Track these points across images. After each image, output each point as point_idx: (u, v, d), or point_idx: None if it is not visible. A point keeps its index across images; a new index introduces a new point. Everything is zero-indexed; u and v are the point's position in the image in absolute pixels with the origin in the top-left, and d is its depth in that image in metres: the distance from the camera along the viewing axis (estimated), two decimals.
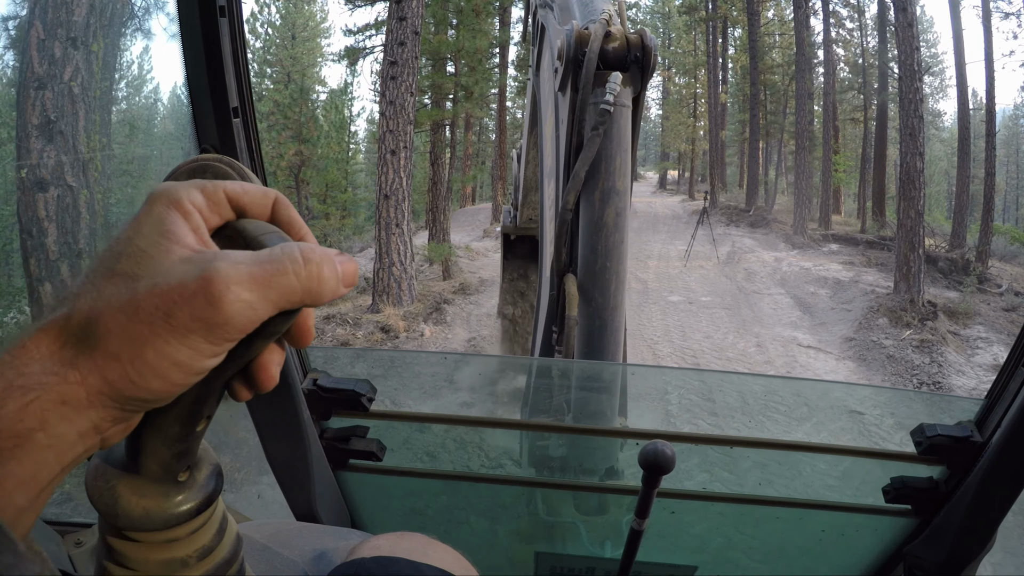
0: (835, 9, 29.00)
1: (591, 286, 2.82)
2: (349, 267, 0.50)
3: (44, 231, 6.31)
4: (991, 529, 1.42)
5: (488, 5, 21.81)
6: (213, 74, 1.11)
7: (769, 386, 2.84)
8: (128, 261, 0.45)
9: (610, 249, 2.83)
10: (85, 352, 0.43)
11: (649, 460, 1.02)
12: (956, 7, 22.18)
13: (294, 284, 0.46)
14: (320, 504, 1.51)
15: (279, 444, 1.42)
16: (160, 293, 0.43)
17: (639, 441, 1.54)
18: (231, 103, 1.13)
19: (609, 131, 2.92)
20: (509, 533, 1.89)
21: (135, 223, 0.47)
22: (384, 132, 13.44)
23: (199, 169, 0.86)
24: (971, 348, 12.33)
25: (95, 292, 0.44)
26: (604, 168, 2.92)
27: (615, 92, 2.87)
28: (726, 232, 23.35)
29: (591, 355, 2.75)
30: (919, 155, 13.83)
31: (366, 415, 1.55)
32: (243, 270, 0.44)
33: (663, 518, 1.68)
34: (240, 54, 1.12)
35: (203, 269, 0.44)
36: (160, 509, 0.53)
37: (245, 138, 1.16)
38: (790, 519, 1.68)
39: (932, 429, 1.44)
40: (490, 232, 25.61)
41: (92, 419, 0.44)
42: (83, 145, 6.56)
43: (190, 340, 0.43)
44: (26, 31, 6.55)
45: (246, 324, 0.45)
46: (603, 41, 2.95)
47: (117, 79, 10.49)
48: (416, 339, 12.06)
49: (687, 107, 38.41)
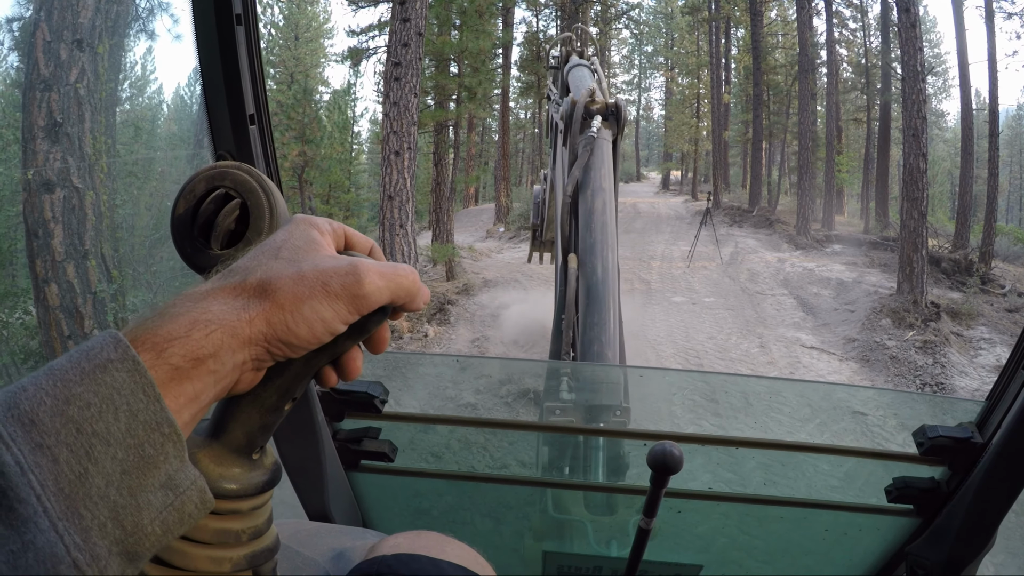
0: (838, 10, 28.98)
1: (587, 255, 3.85)
2: (427, 291, 0.66)
3: (50, 232, 6.33)
4: (992, 529, 1.43)
5: (491, 6, 21.82)
6: (229, 81, 1.12)
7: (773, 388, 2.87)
8: (289, 251, 0.60)
9: (600, 228, 4.01)
10: (258, 301, 0.55)
11: (658, 460, 1.04)
12: (959, 8, 22.15)
13: (407, 285, 0.62)
14: (333, 504, 1.53)
15: (293, 445, 1.44)
16: (320, 271, 0.58)
17: (645, 442, 1.56)
18: (247, 110, 1.14)
19: (594, 150, 4.48)
20: (517, 532, 1.91)
21: (286, 233, 0.63)
22: (388, 133, 13.45)
23: (218, 176, 0.88)
24: (974, 349, 12.32)
25: (266, 267, 0.58)
26: (593, 174, 4.34)
27: (597, 127, 4.59)
28: (729, 233, 23.31)
29: (590, 304, 3.57)
30: (922, 156, 13.82)
31: (378, 416, 1.57)
32: (375, 268, 0.60)
33: (669, 518, 1.70)
34: (256, 61, 1.14)
35: (351, 261, 0.60)
36: (234, 477, 0.60)
37: (261, 144, 1.18)
38: (793, 519, 1.70)
39: (933, 430, 1.46)
40: (493, 232, 25.62)
41: (247, 354, 0.55)
42: (89, 147, 6.58)
43: (336, 304, 0.57)
44: (32, 33, 6.57)
45: (374, 301, 0.59)
46: (588, 102, 4.71)
47: (122, 80, 10.51)
48: (420, 339, 12.08)
49: (690, 107, 38.35)
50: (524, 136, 39.27)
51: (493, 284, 16.29)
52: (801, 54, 25.15)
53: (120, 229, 6.82)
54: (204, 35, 1.11)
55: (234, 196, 0.82)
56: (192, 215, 0.81)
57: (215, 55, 1.11)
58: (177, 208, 0.84)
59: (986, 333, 13.07)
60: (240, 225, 0.83)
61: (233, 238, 0.84)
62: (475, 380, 6.64)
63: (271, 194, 0.85)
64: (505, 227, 25.84)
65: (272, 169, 1.21)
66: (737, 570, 1.82)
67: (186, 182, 0.85)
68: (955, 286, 16.49)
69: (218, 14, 1.09)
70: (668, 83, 42.80)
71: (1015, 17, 21.14)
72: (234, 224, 0.83)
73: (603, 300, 3.60)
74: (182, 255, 0.87)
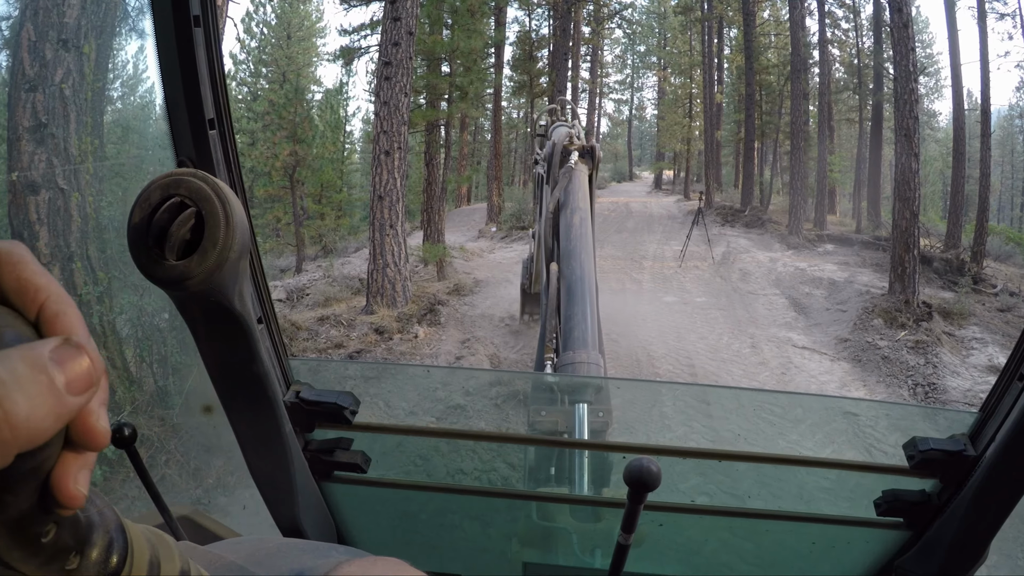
0: (831, 10, 29.04)
1: (566, 259, 4.32)
2: (75, 366, 0.37)
3: (35, 234, 6.29)
4: (984, 544, 1.40)
5: (483, 5, 21.80)
6: (188, 85, 1.09)
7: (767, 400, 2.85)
8: None
9: (576, 238, 4.57)
10: None
11: (634, 477, 1.00)
12: (951, 8, 22.21)
13: None
14: (305, 517, 1.49)
15: (261, 457, 1.40)
16: None
17: (625, 455, 1.53)
18: (207, 114, 1.10)
19: (572, 177, 5.32)
20: (497, 543, 1.88)
21: None
22: (379, 133, 13.42)
23: (172, 184, 0.84)
24: (966, 349, 12.36)
25: None
26: (571, 196, 5.07)
27: (575, 160, 5.52)
28: (721, 232, 23.35)
29: (571, 299, 3.89)
30: (914, 156, 13.84)
31: (350, 427, 1.53)
32: None
33: (652, 531, 1.67)
34: (216, 64, 1.10)
35: None
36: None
37: (222, 150, 1.14)
38: (780, 531, 1.67)
39: (925, 443, 1.42)
40: (485, 232, 25.59)
41: None
42: (75, 147, 6.54)
43: None
44: (17, 32, 6.52)
45: None
46: (567, 144, 5.69)
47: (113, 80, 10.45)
48: (410, 340, 12.03)
49: (683, 107, 38.37)
50: (516, 135, 39.24)
51: (484, 284, 16.28)
52: (794, 54, 25.23)
53: (106, 231, 6.78)
54: (163, 37, 1.08)
55: (189, 205, 0.80)
56: (147, 224, 0.79)
57: (173, 58, 1.08)
58: (133, 217, 0.81)
59: (978, 333, 13.11)
60: (195, 235, 0.80)
61: (189, 248, 0.81)
62: (465, 381, 6.63)
63: (227, 203, 0.82)
64: (497, 227, 25.82)
65: (234, 176, 1.17)
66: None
67: (142, 190, 0.82)
68: (947, 286, 16.54)
69: (176, 17, 1.05)
70: (661, 83, 42.78)
71: (1007, 18, 21.24)
72: (189, 234, 0.80)
73: (582, 294, 3.90)
74: (138, 265, 0.83)
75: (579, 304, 3.82)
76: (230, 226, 0.80)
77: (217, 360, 1.17)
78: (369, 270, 13.75)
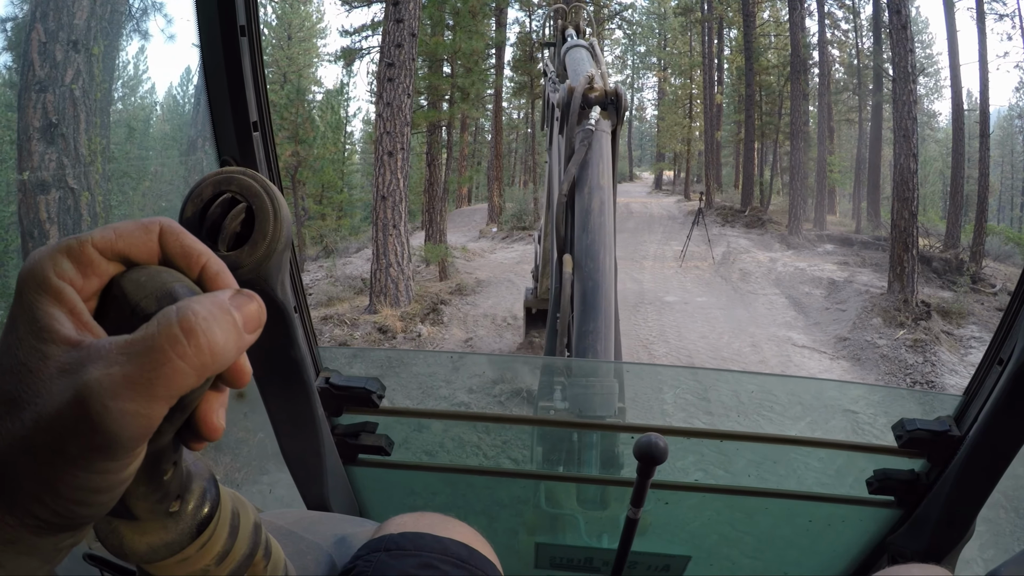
0: (830, 10, 29.08)
1: (584, 257, 3.66)
2: (249, 309, 0.45)
3: (45, 233, 6.35)
4: (970, 519, 1.47)
5: (484, 7, 21.86)
6: (233, 90, 1.16)
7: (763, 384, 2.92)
8: (11, 379, 0.40)
9: (597, 229, 3.77)
10: (7, 499, 0.40)
11: (643, 451, 1.08)
12: (951, 9, 22.27)
13: (182, 369, 0.39)
14: (332, 496, 1.57)
15: (294, 439, 1.48)
16: (45, 427, 0.38)
17: (634, 435, 1.62)
18: (251, 117, 1.19)
19: (592, 144, 4.13)
20: (511, 525, 1.96)
21: (11, 322, 0.42)
22: (381, 134, 13.46)
23: (224, 181, 0.92)
24: (964, 347, 12.40)
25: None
26: (590, 171, 4.03)
27: (595, 119, 4.24)
28: (721, 232, 23.38)
29: (586, 311, 3.41)
30: (913, 156, 13.90)
31: (376, 411, 1.62)
32: (117, 375, 0.38)
33: (658, 509, 1.75)
34: (259, 70, 1.18)
35: (75, 387, 0.38)
36: (161, 542, 0.57)
37: (264, 150, 1.22)
38: (779, 510, 1.74)
39: (912, 424, 1.50)
40: (486, 232, 25.63)
41: (45, 545, 0.42)
42: (84, 147, 6.60)
43: (94, 467, 0.40)
44: (27, 34, 6.58)
45: (143, 433, 0.40)
46: (587, 90, 4.34)
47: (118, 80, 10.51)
48: (413, 339, 12.11)
49: (683, 108, 38.33)
50: (517, 136, 39.24)
51: (486, 284, 16.32)
52: (793, 55, 25.26)
53: None
54: (209, 45, 1.15)
55: (240, 200, 0.87)
56: (200, 218, 0.84)
57: (220, 65, 1.15)
58: (185, 211, 0.88)
59: (976, 332, 13.15)
60: (245, 228, 0.87)
61: (239, 240, 0.89)
62: (468, 379, 6.69)
63: (275, 198, 0.89)
64: (498, 227, 25.88)
65: (275, 174, 1.25)
66: (724, 561, 1.87)
67: (194, 186, 0.89)
68: (946, 285, 16.58)
69: (223, 26, 1.13)
70: (661, 83, 42.80)
71: (1006, 18, 21.28)
72: (240, 227, 0.87)
73: (599, 307, 3.40)
74: None
75: (595, 319, 3.37)
76: (278, 220, 0.86)
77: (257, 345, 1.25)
78: (372, 270, 13.79)
